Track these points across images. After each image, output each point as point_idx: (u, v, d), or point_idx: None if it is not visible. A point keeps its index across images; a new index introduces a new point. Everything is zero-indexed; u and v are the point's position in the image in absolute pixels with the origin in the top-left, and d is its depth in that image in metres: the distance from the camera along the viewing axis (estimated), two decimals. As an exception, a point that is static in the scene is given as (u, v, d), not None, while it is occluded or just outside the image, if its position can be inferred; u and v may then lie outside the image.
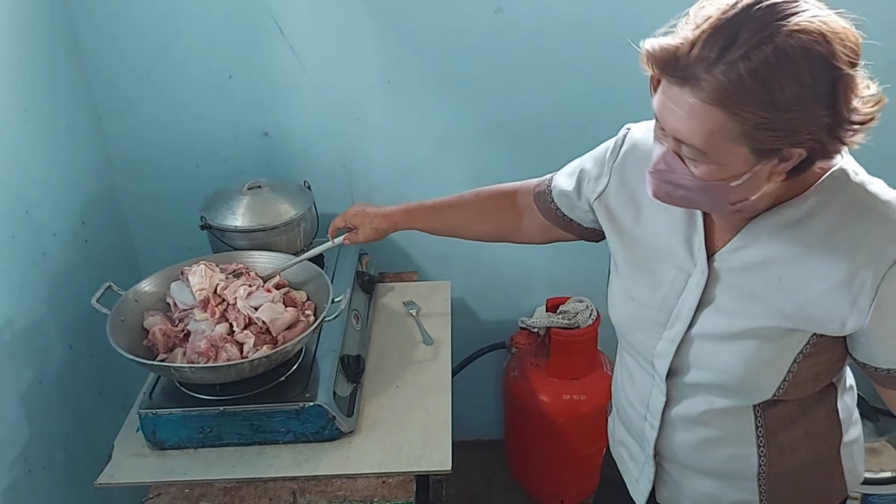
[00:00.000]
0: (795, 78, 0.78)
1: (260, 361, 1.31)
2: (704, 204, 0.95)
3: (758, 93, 0.78)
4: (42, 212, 1.56)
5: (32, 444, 1.49)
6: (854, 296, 0.91)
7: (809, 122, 0.80)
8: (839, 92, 0.80)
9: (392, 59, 1.78)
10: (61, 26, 1.68)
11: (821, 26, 0.79)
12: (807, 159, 0.85)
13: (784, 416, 1.06)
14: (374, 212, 1.47)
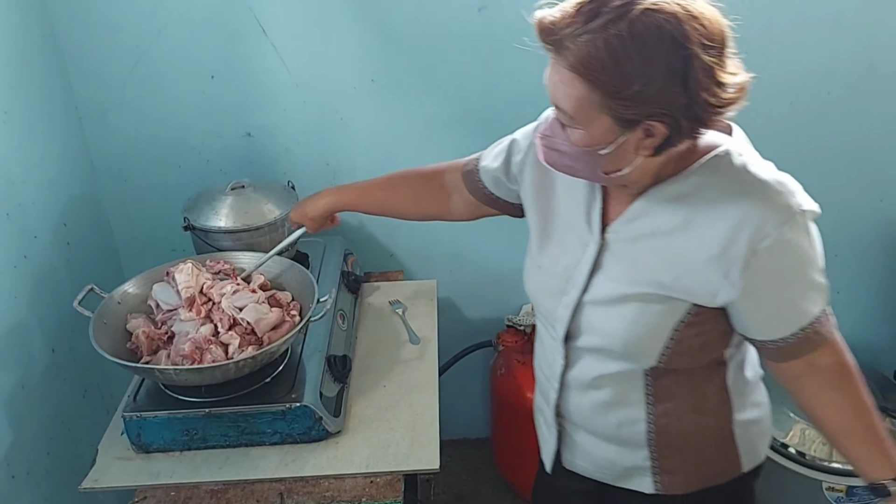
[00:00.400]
0: (644, 53, 0.85)
1: (245, 362, 1.31)
2: (582, 171, 1.02)
3: (609, 64, 0.86)
4: (23, 214, 1.54)
5: (16, 449, 1.47)
6: (726, 268, 0.98)
7: (661, 98, 0.87)
8: (691, 72, 0.86)
9: (376, 58, 1.78)
10: (41, 25, 1.66)
11: (676, 8, 0.86)
12: (671, 137, 0.92)
13: (672, 387, 1.11)
14: (308, 206, 1.50)
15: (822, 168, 1.94)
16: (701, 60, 0.86)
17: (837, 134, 1.90)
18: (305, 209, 1.50)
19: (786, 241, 0.96)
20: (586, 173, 1.02)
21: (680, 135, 0.92)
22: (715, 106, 0.89)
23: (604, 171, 0.98)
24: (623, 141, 0.93)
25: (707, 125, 0.93)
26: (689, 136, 0.94)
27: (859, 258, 2.08)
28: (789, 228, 0.96)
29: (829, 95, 1.85)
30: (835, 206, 1.99)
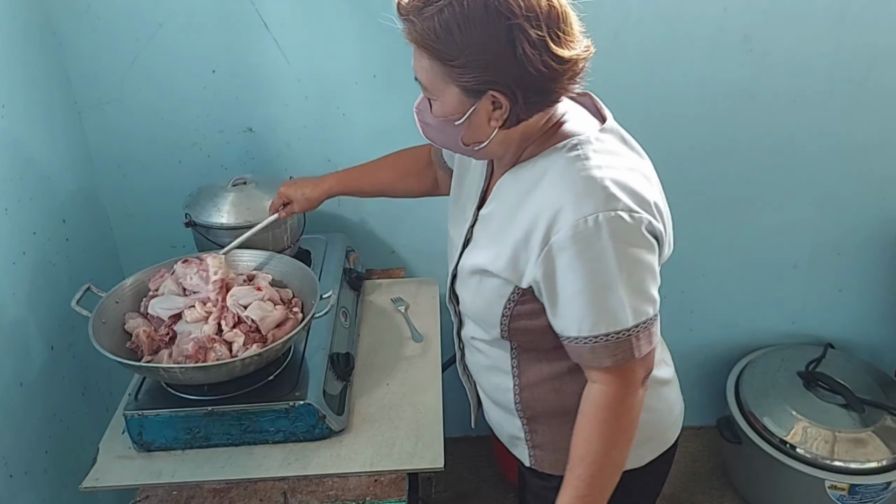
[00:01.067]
0: (470, 23, 0.92)
1: (251, 360, 1.29)
2: (448, 143, 1.09)
3: (442, 34, 0.93)
4: (21, 210, 1.52)
5: (14, 448, 1.45)
6: (528, 254, 1.03)
7: (493, 67, 0.94)
8: (519, 43, 0.92)
9: (377, 54, 1.76)
10: (39, 18, 1.63)
11: None
12: (514, 108, 0.98)
13: (533, 364, 1.16)
14: (306, 183, 1.55)
15: (824, 165, 1.94)
16: (528, 33, 0.92)
17: (840, 131, 1.90)
18: (304, 190, 1.53)
19: (577, 240, 0.97)
20: (452, 145, 1.08)
21: (519, 105, 0.97)
22: (548, 78, 0.95)
23: (464, 143, 1.04)
24: (473, 111, 0.99)
25: (548, 97, 0.99)
26: (534, 108, 0.99)
27: (862, 256, 2.07)
28: (584, 228, 0.96)
29: (832, 93, 1.84)
30: (837, 203, 2.00)
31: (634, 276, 0.99)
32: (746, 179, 1.96)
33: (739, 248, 2.06)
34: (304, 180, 1.56)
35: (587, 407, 1.06)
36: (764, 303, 2.16)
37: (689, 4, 1.72)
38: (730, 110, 1.86)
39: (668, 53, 1.77)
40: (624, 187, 0.99)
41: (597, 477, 1.05)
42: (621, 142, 1.08)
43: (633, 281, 0.99)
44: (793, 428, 1.92)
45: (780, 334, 2.21)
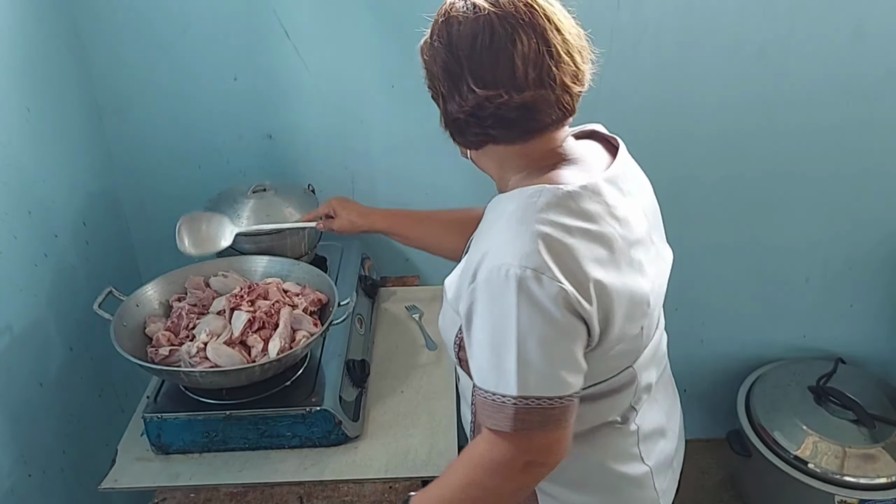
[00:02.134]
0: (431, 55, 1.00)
1: (270, 365, 1.31)
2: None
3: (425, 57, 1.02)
4: (44, 212, 1.54)
5: (32, 447, 1.47)
6: (464, 288, 0.96)
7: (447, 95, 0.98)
8: (455, 76, 0.96)
9: (396, 63, 1.78)
10: (64, 24, 1.66)
11: (440, 26, 0.98)
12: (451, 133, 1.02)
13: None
14: (357, 207, 1.55)
15: (838, 179, 1.95)
16: (454, 67, 0.97)
17: (855, 144, 1.90)
18: (352, 214, 1.52)
19: (490, 287, 0.91)
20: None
21: (446, 126, 1.03)
22: (474, 108, 0.96)
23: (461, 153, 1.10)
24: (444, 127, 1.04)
25: (456, 131, 1.02)
26: (464, 139, 1.02)
27: (874, 271, 2.08)
28: (497, 277, 0.90)
29: (848, 106, 1.85)
30: (850, 218, 2.00)
31: (528, 345, 0.90)
32: (760, 192, 1.96)
33: (752, 260, 2.06)
34: (355, 205, 1.55)
35: (466, 449, 1.02)
36: (775, 316, 2.16)
37: (706, 16, 1.73)
38: (745, 122, 1.87)
39: (684, 65, 1.78)
40: (555, 251, 0.90)
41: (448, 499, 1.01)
42: (601, 203, 0.98)
43: (525, 350, 0.90)
44: (803, 442, 1.93)
45: (791, 348, 2.22)
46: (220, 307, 1.45)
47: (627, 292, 0.97)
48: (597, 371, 1.00)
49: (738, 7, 1.72)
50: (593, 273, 0.92)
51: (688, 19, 1.74)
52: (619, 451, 1.10)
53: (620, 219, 0.99)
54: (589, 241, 0.94)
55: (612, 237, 0.97)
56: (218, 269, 1.56)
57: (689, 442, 1.72)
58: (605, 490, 1.11)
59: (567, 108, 0.98)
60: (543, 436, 0.93)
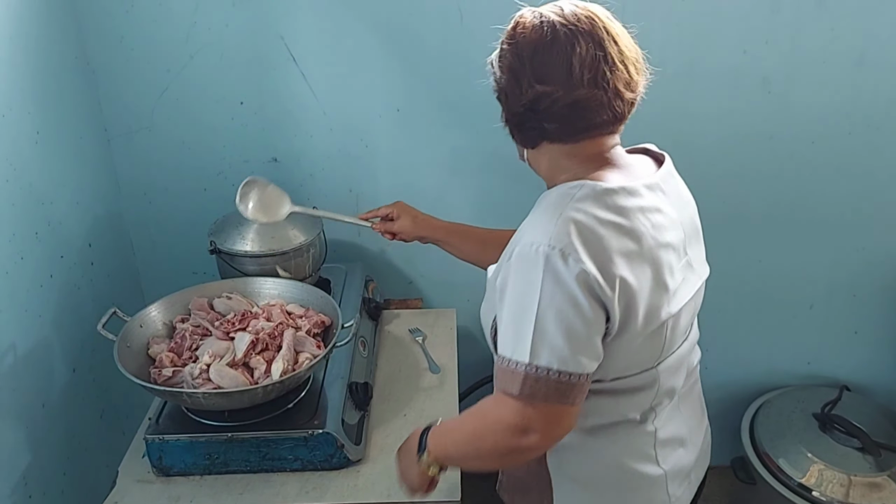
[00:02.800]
0: (499, 58, 1.09)
1: (273, 387, 1.30)
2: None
3: (494, 63, 1.10)
4: (51, 234, 1.55)
5: (33, 468, 1.46)
6: (499, 269, 1.04)
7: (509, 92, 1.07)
8: (518, 73, 1.04)
9: (402, 88, 1.80)
10: (75, 49, 1.68)
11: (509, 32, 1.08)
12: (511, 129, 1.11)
13: None
14: (418, 213, 1.54)
15: (842, 206, 1.95)
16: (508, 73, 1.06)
17: (858, 172, 1.91)
18: (413, 219, 1.52)
19: (522, 261, 0.98)
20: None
21: (507, 123, 1.11)
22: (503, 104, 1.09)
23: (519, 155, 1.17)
24: (505, 125, 1.12)
25: (514, 127, 1.10)
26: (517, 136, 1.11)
27: (878, 298, 2.07)
28: (529, 252, 0.97)
29: (850, 135, 1.86)
30: (854, 245, 2.01)
31: (547, 318, 0.96)
32: (764, 219, 1.97)
33: (756, 286, 2.06)
34: (416, 211, 1.54)
35: (480, 402, 1.09)
36: (779, 343, 2.16)
37: (710, 45, 1.75)
38: (748, 151, 1.88)
39: (687, 93, 1.80)
40: (584, 236, 0.96)
41: (456, 440, 1.12)
42: (636, 202, 1.03)
43: (543, 322, 0.96)
44: (808, 470, 1.91)
45: (796, 375, 2.21)
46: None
47: (651, 288, 1.02)
48: (618, 365, 1.05)
49: (739, 37, 1.75)
50: (619, 262, 0.98)
51: (689, 49, 1.76)
52: (635, 449, 1.14)
53: (653, 220, 1.04)
54: (619, 234, 0.99)
55: (642, 233, 1.02)
56: (222, 291, 1.57)
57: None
58: (618, 487, 1.15)
59: (618, 113, 1.04)
60: (546, 407, 0.98)
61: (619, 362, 1.05)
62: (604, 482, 1.14)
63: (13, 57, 1.44)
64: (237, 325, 1.46)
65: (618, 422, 1.11)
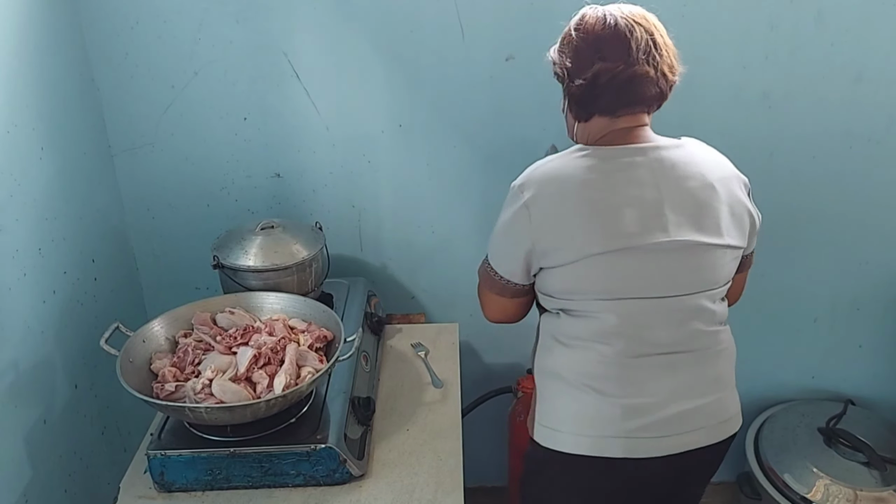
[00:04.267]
0: (565, 44, 1.30)
1: (276, 401, 1.30)
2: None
3: (556, 52, 1.32)
4: (54, 250, 1.56)
5: (34, 485, 1.46)
6: None
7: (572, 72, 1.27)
8: (583, 53, 1.25)
9: (404, 104, 1.81)
10: (80, 65, 1.70)
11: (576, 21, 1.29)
12: (568, 102, 1.31)
13: (542, 321, 1.39)
14: None
15: (843, 220, 1.96)
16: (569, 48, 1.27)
17: (858, 187, 1.92)
18: None
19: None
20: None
21: (571, 102, 1.30)
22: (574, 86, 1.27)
23: (567, 131, 1.37)
24: (564, 102, 1.33)
25: (574, 101, 1.29)
26: (574, 110, 1.31)
27: (882, 312, 2.07)
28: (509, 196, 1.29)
29: (851, 150, 1.87)
30: (857, 259, 2.01)
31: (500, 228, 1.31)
32: (766, 234, 1.95)
33: (759, 301, 2.06)
34: None
35: None
36: (783, 357, 2.15)
37: (709, 60, 1.76)
38: (749, 166, 1.85)
39: (687, 108, 1.80)
40: (539, 175, 1.27)
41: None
42: (616, 156, 1.26)
43: (494, 233, 1.33)
44: (814, 485, 1.89)
45: (800, 389, 2.20)
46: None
47: (584, 227, 1.23)
48: (558, 286, 1.28)
49: (739, 52, 1.76)
50: (557, 202, 1.25)
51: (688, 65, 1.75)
52: (597, 373, 1.28)
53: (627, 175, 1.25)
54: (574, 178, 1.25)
55: (608, 190, 1.24)
56: (224, 306, 1.56)
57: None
58: (576, 396, 1.30)
59: (662, 90, 1.26)
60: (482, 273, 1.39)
61: (558, 284, 1.28)
62: (566, 385, 1.31)
63: (18, 73, 1.45)
64: (239, 339, 1.46)
65: (584, 341, 1.28)
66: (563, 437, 1.30)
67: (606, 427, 1.27)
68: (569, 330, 1.30)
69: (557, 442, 1.31)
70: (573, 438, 1.29)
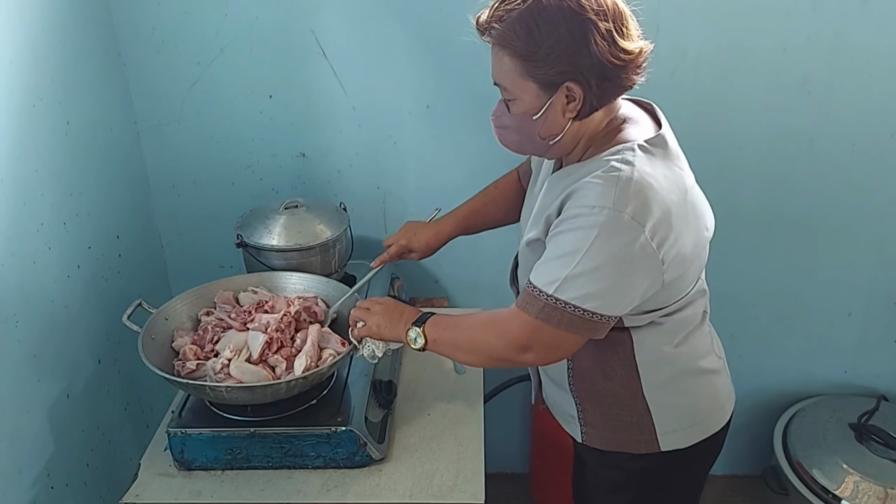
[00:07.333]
0: (548, 21, 1.04)
1: (296, 383, 1.29)
2: (526, 144, 1.18)
3: (522, 33, 1.05)
4: (79, 224, 1.55)
5: (56, 459, 1.46)
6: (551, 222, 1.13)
7: (569, 59, 1.05)
8: (591, 36, 1.03)
9: (431, 85, 1.78)
10: (107, 41, 1.69)
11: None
12: (587, 97, 1.08)
13: (584, 348, 1.16)
14: (425, 229, 1.55)
15: (883, 211, 1.90)
16: (598, 27, 1.03)
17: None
18: (427, 238, 1.53)
19: (577, 217, 1.07)
20: (530, 145, 1.18)
21: (593, 93, 1.07)
22: (617, 65, 1.06)
23: (540, 137, 1.13)
24: (549, 105, 1.09)
25: (616, 86, 1.09)
26: (605, 97, 1.10)
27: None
28: (588, 214, 1.06)
29: (893, 138, 1.81)
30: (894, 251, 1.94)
31: (591, 265, 1.06)
32: (802, 223, 1.92)
33: (792, 293, 2.01)
34: (422, 228, 1.54)
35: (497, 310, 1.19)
36: (816, 350, 2.10)
37: (748, 44, 1.71)
38: (786, 153, 1.83)
39: (724, 93, 1.76)
40: (645, 197, 1.06)
41: (456, 327, 1.22)
42: (665, 151, 1.14)
43: (586, 268, 1.06)
44: (843, 482, 1.85)
45: (832, 384, 2.15)
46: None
47: (693, 230, 1.16)
48: (678, 291, 1.18)
49: (779, 35, 1.70)
50: (673, 222, 1.10)
51: (728, 46, 1.71)
52: (703, 350, 1.28)
53: (680, 164, 1.18)
54: (670, 188, 1.11)
55: (683, 181, 1.15)
56: (247, 285, 1.56)
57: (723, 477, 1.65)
58: (697, 384, 1.28)
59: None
60: (549, 330, 1.10)
61: (680, 287, 1.17)
62: (683, 384, 1.26)
63: (44, 48, 1.44)
64: (253, 314, 1.45)
65: (691, 330, 1.24)
66: (692, 430, 1.28)
67: (722, 393, 1.32)
68: (675, 328, 1.22)
69: (688, 438, 1.28)
70: (703, 425, 1.29)
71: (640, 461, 1.29)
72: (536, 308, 1.09)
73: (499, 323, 1.16)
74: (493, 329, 1.16)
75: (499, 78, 1.12)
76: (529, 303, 1.10)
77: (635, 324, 1.19)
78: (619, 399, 1.26)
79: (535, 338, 1.12)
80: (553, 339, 1.11)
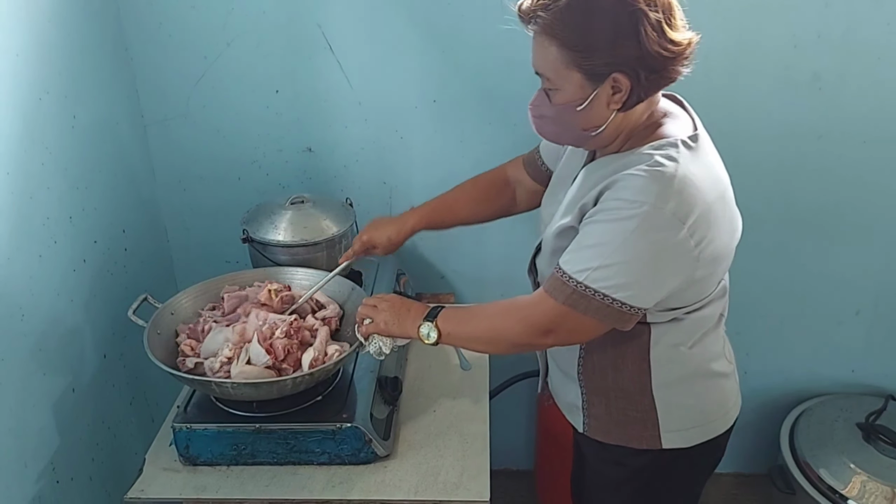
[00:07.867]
0: (599, 12, 1.02)
1: (302, 379, 1.29)
2: (565, 134, 1.17)
3: (570, 22, 1.03)
4: (85, 219, 1.55)
5: (61, 453, 1.47)
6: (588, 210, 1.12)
7: (617, 50, 1.03)
8: (640, 27, 1.01)
9: (438, 80, 1.77)
10: (114, 35, 1.68)
11: None
12: (634, 89, 1.06)
13: (597, 340, 1.17)
14: (388, 224, 1.51)
15: (892, 210, 1.88)
16: (648, 17, 1.01)
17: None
18: (388, 233, 1.49)
19: (616, 209, 1.06)
20: (569, 136, 1.17)
21: (641, 84, 1.05)
22: (666, 57, 1.04)
23: (583, 129, 1.12)
24: (594, 96, 1.07)
25: (664, 77, 1.07)
26: (652, 87, 1.08)
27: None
28: (627, 206, 1.05)
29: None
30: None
31: (626, 257, 1.06)
32: (811, 221, 1.90)
33: (800, 290, 2.00)
34: (385, 223, 1.51)
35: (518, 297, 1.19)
36: (823, 349, 2.09)
37: (758, 39, 1.69)
38: (796, 150, 1.81)
39: (734, 89, 1.75)
40: (689, 194, 1.05)
41: (472, 317, 1.23)
42: (706, 148, 1.14)
43: (621, 259, 1.05)
44: (850, 481, 1.84)
45: (839, 383, 2.13)
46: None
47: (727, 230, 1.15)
48: (705, 290, 1.17)
49: (790, 32, 1.68)
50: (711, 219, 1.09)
51: (739, 43, 1.70)
52: (714, 352, 1.27)
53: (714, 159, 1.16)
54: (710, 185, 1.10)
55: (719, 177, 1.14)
56: (253, 280, 1.55)
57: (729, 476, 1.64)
58: (706, 387, 1.27)
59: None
60: (577, 317, 1.10)
61: (707, 286, 1.16)
62: (692, 385, 1.26)
63: (51, 41, 1.44)
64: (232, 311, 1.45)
65: (706, 331, 1.23)
66: (696, 431, 1.27)
67: (729, 398, 1.31)
68: (693, 326, 1.21)
69: (691, 439, 1.27)
70: (707, 427, 1.28)
71: (641, 457, 1.28)
72: (564, 294, 1.09)
73: (521, 308, 1.16)
74: (514, 314, 1.17)
75: (541, 67, 1.10)
76: (557, 288, 1.10)
77: (657, 319, 1.18)
78: (627, 393, 1.25)
79: (560, 323, 1.12)
80: (577, 325, 1.12)
